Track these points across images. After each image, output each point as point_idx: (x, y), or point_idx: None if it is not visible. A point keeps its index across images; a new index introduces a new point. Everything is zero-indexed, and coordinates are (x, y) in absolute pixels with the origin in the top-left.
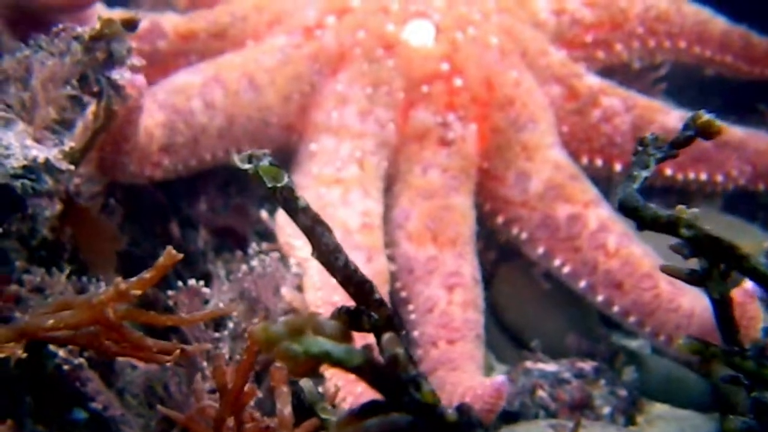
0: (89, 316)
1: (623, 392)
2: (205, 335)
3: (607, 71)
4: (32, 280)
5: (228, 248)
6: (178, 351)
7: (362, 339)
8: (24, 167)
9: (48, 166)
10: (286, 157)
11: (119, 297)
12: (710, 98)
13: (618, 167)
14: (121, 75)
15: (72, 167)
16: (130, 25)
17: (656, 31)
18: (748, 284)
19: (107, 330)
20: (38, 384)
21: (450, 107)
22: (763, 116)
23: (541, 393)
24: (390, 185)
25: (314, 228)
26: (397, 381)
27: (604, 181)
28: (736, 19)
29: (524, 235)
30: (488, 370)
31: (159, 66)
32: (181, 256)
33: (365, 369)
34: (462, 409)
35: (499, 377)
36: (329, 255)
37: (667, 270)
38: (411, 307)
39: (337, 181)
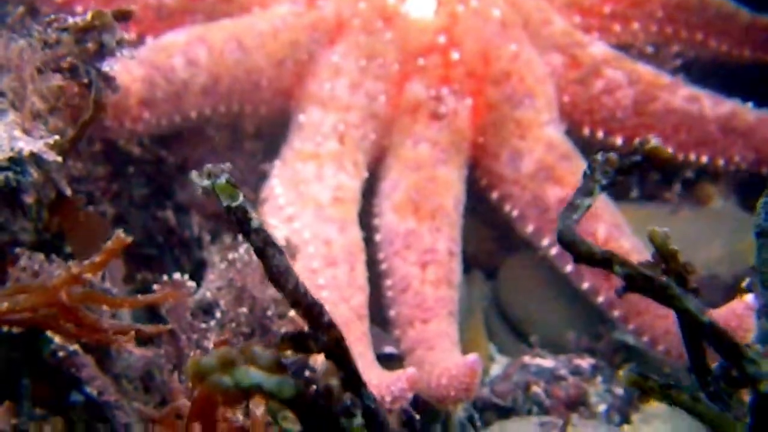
0: (44, 299)
1: (620, 390)
2: (192, 325)
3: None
4: (31, 265)
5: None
6: (133, 332)
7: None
8: (9, 159)
9: (35, 158)
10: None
11: (73, 280)
12: (733, 85)
13: (619, 141)
14: (111, 66)
15: (60, 159)
16: (123, 16)
17: (675, 19)
18: (749, 297)
19: (64, 313)
20: (36, 368)
21: (445, 81)
22: None
23: (535, 389)
24: (383, 157)
25: (265, 249)
26: (329, 413)
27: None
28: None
29: (515, 213)
30: (489, 361)
31: (166, 21)
32: (129, 240)
33: (297, 401)
34: None
35: (471, 356)
36: (280, 276)
37: None
38: (389, 282)
39: (314, 156)
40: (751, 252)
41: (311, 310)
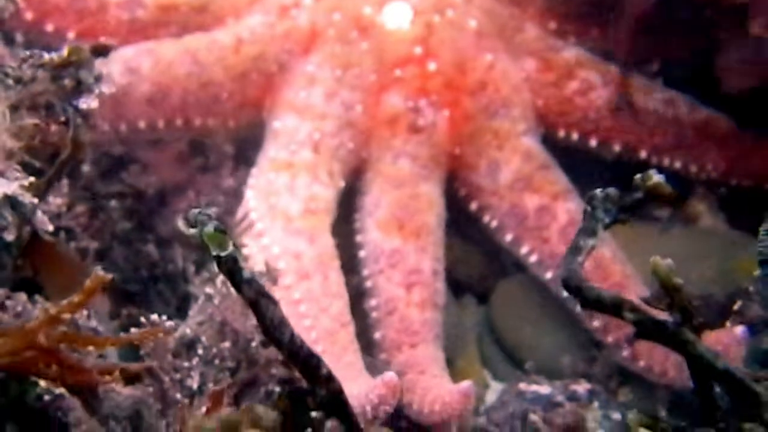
0: (22, 343)
1: (617, 415)
2: (174, 364)
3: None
4: (14, 306)
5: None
6: (117, 371)
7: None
8: None
9: (10, 201)
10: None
11: (51, 322)
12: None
13: (593, 142)
14: (88, 104)
15: (36, 200)
16: (101, 51)
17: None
18: (739, 329)
19: (44, 355)
20: (21, 413)
21: (422, 92)
22: None
23: (533, 417)
24: (363, 170)
25: (258, 301)
26: None
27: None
28: None
29: (494, 223)
30: (483, 388)
31: (139, 34)
32: (109, 277)
33: None
34: None
35: (464, 383)
36: (274, 330)
37: None
38: (373, 302)
39: (288, 166)
40: (743, 272)
41: (308, 363)
